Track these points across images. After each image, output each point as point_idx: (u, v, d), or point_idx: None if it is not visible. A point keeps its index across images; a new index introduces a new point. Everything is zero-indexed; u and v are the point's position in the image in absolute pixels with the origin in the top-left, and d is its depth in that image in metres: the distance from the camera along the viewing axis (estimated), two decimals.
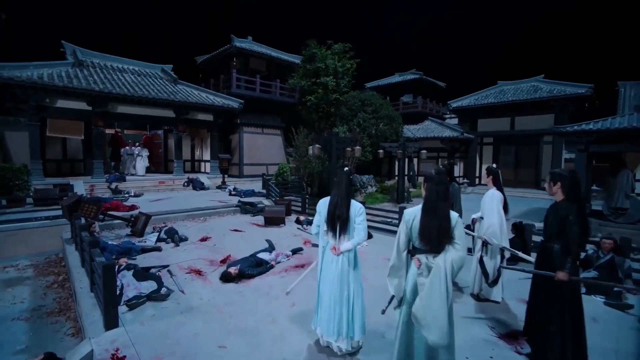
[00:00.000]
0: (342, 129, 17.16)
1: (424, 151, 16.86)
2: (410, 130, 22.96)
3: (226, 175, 14.88)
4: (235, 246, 6.40)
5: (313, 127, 24.44)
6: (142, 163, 14.21)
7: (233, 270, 4.67)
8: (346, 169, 2.96)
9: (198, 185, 13.47)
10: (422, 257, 2.49)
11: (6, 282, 5.57)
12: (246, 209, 10.01)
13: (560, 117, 18.76)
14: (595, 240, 5.36)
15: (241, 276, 4.70)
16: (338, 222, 2.84)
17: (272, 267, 5.20)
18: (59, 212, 7.24)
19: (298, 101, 19.06)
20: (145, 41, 38.60)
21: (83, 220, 5.77)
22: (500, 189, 4.23)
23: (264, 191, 12.66)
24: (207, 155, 16.83)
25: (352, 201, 2.90)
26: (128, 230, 7.06)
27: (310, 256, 5.90)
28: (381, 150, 16.67)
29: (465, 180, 21.54)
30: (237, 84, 16.30)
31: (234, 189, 13.05)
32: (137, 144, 14.95)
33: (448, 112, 28.91)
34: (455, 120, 26.25)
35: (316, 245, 6.71)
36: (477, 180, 22.37)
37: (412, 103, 25.87)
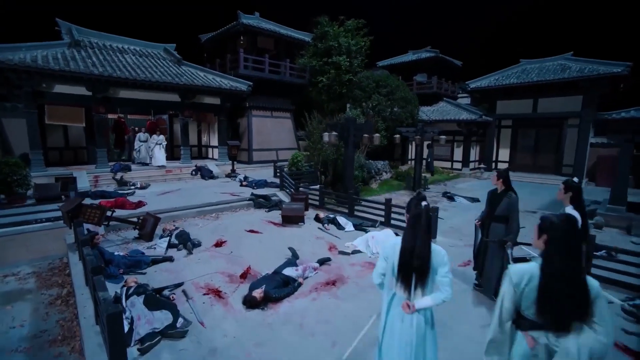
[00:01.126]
0: (356, 112, 16.18)
1: (443, 137, 15.93)
2: (425, 112, 21.86)
3: (235, 162, 14.17)
4: (255, 254, 5.81)
5: (323, 110, 23.48)
6: (161, 152, 13.23)
7: (258, 294, 4.07)
8: (424, 203, 2.22)
9: (206, 174, 12.84)
10: (540, 336, 1.82)
11: (6, 296, 5.07)
12: (260, 203, 9.38)
13: (589, 99, 17.52)
14: None
15: (267, 300, 4.11)
16: (414, 274, 2.16)
17: (300, 285, 4.60)
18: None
19: (308, 82, 18.00)
20: (144, 18, 36.83)
21: (85, 230, 5.18)
22: (581, 208, 3.49)
23: (277, 180, 12.00)
24: (214, 141, 16.08)
25: (434, 246, 2.20)
26: (136, 233, 6.50)
27: (339, 267, 5.29)
28: (397, 136, 15.74)
29: (482, 166, 20.61)
30: (244, 64, 15.25)
31: (245, 178, 12.40)
32: (157, 131, 13.95)
33: (460, 91, 27.54)
34: (467, 100, 24.95)
35: (344, 253, 6.20)
36: (493, 165, 21.46)
37: (426, 83, 24.51)
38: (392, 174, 17.59)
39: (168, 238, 6.08)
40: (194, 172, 13.05)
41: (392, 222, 7.82)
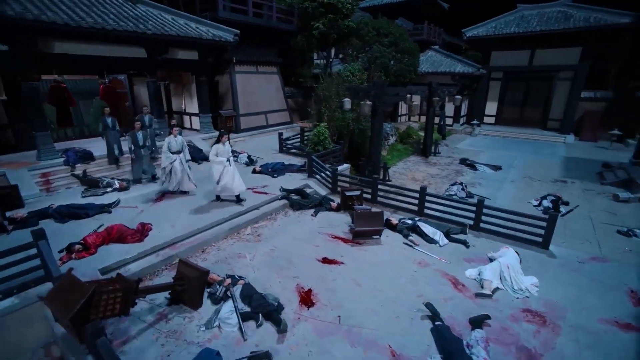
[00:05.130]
0: (356, 65, 13.72)
1: (458, 97, 14.52)
2: None
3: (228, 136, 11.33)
4: (367, 312, 4.05)
5: (305, 61, 20.20)
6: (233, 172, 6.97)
7: None
8: None
9: (198, 156, 10.01)
10: None
11: None
12: (298, 202, 7.31)
13: (588, 52, 17.01)
14: None
15: None
16: None
17: None
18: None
19: (297, 28, 14.72)
20: None
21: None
22: None
23: (291, 160, 9.80)
24: (192, 107, 12.67)
25: None
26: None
27: (505, 329, 3.80)
28: (409, 96, 13.88)
29: (475, 122, 19.96)
30: (223, 4, 11.52)
31: (251, 159, 9.95)
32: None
33: (447, 39, 25.74)
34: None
35: (483, 296, 4.26)
36: (483, 119, 20.98)
37: (414, 30, 22.06)
38: (396, 137, 16.06)
39: (232, 304, 3.97)
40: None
41: (426, 211, 6.90)
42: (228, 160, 6.56)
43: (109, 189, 7.45)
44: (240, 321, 3.78)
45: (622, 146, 15.98)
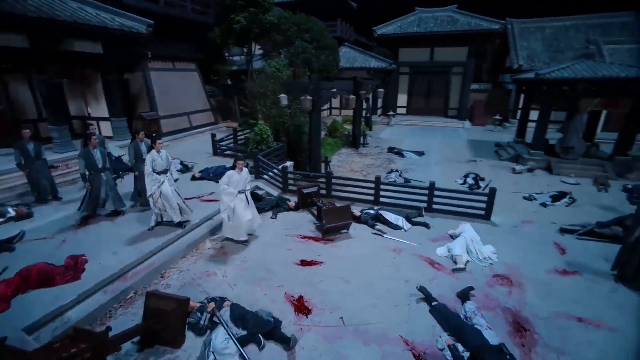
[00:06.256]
0: (281, 61, 13.55)
1: (381, 90, 15.54)
2: None
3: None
4: (366, 307, 4.03)
5: (223, 57, 18.98)
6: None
7: None
8: None
9: (119, 167, 8.47)
10: None
11: None
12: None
13: (473, 51, 20.16)
14: None
15: None
16: None
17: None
18: None
19: (215, 21, 13.70)
20: None
21: None
22: None
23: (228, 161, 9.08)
24: (100, 111, 10.59)
25: None
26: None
27: (487, 297, 4.22)
28: (334, 90, 14.32)
29: (391, 113, 21.79)
30: None
31: (186, 166, 8.91)
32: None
33: (355, 38, 27.24)
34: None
35: (459, 270, 4.79)
36: (396, 110, 23.02)
37: (328, 27, 22.69)
38: (325, 131, 16.38)
39: (224, 331, 3.47)
40: None
41: (381, 199, 7.20)
42: (241, 192, 5.30)
43: (0, 219, 5.72)
44: (241, 348, 3.33)
45: (502, 129, 19.47)
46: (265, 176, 8.25)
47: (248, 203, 5.42)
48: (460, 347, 3.29)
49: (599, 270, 4.81)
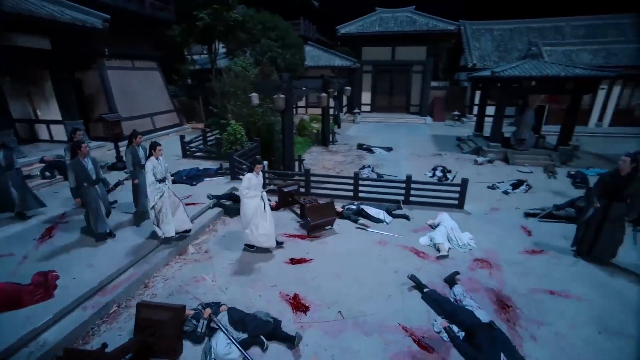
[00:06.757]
0: (247, 60, 13.31)
1: (349, 88, 15.77)
2: None
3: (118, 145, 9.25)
4: (370, 302, 4.12)
5: (184, 56, 18.17)
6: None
7: None
8: None
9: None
10: None
11: None
12: (234, 208, 6.67)
13: (431, 50, 21.21)
14: None
15: None
16: None
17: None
18: None
19: (176, 18, 13.06)
20: None
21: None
22: None
23: (211, 166, 8.83)
24: (50, 113, 9.61)
25: None
26: None
27: (472, 280, 4.52)
28: (304, 88, 14.38)
29: (356, 110, 22.26)
30: None
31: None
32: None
33: (317, 37, 27.41)
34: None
35: (443, 257, 5.12)
36: (361, 107, 23.54)
37: (292, 25, 22.64)
38: (294, 130, 16.32)
39: (225, 336, 3.37)
40: (47, 173, 7.61)
41: (360, 194, 7.34)
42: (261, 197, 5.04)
43: None
44: (244, 351, 3.25)
45: (460, 124, 20.73)
46: (241, 177, 8.04)
47: (265, 208, 5.13)
48: (455, 328, 3.50)
49: (560, 247, 5.35)
